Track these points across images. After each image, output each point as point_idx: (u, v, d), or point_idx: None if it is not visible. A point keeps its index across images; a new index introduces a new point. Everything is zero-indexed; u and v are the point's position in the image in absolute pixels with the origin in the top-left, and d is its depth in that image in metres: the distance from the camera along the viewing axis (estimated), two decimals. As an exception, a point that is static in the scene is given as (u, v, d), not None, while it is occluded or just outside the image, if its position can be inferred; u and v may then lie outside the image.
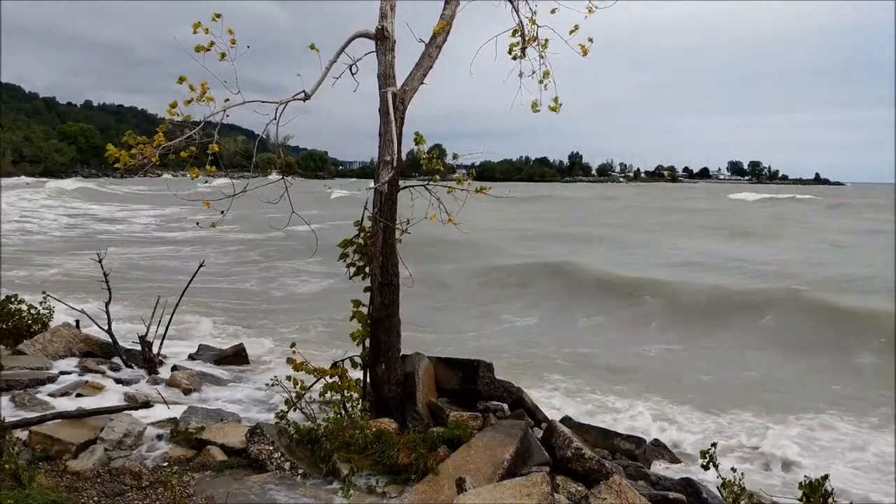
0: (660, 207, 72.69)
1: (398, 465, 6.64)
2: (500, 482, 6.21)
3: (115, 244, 30.94)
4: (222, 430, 7.53)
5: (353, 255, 8.28)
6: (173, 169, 77.93)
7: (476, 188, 8.04)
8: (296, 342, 8.64)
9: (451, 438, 7.20)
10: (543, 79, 8.09)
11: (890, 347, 15.11)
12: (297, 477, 6.63)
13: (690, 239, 39.03)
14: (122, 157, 6.62)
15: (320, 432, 7.19)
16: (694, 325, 18.18)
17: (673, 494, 7.19)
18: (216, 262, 27.91)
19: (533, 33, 8.12)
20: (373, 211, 7.81)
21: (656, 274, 24.56)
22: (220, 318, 16.83)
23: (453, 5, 7.92)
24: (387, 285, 7.88)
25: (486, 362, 9.14)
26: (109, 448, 7.03)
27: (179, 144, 6.78)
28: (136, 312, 14.39)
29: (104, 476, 6.42)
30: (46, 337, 10.83)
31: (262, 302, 20.27)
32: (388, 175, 7.51)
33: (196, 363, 11.47)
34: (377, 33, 7.65)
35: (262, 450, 6.81)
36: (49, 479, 6.11)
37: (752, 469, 9.04)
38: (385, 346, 7.98)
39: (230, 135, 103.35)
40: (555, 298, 21.41)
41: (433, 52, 7.86)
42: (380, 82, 7.69)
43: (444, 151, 8.23)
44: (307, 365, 8.06)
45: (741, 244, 36.59)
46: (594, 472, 7.09)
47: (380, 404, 8.08)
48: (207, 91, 6.80)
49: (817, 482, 5.79)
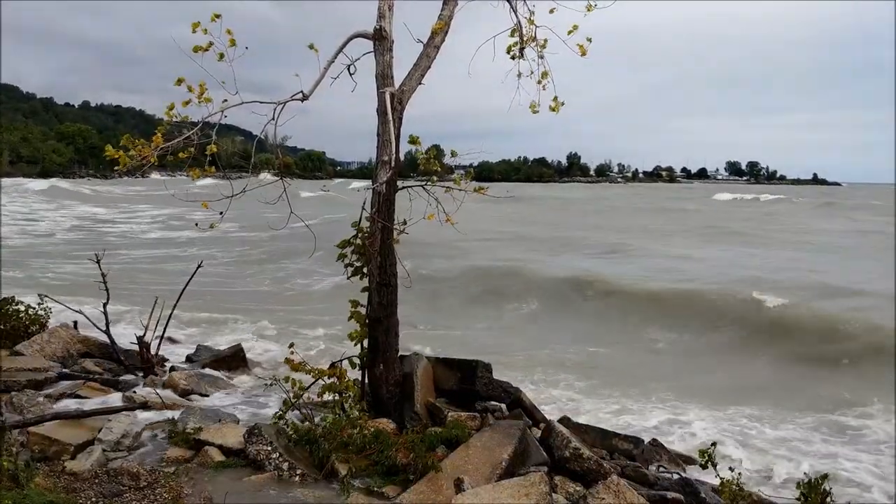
0: (636, 208, 73.16)
1: (396, 465, 6.64)
2: (499, 482, 6.21)
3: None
4: (220, 430, 7.52)
5: (351, 255, 8.28)
6: (170, 169, 77.93)
7: (474, 188, 8.03)
8: (294, 343, 8.64)
9: (449, 438, 7.20)
10: (542, 79, 8.08)
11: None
12: (295, 477, 6.62)
13: (651, 240, 39.36)
14: (121, 158, 6.62)
15: (318, 433, 7.18)
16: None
17: (671, 494, 7.20)
18: (217, 262, 27.93)
19: (531, 33, 8.12)
20: (371, 211, 7.81)
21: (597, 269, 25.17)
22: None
23: (451, 5, 7.92)
24: (385, 285, 7.87)
25: (484, 362, 9.13)
26: (107, 449, 7.02)
27: (177, 145, 6.77)
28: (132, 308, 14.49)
29: (102, 477, 6.40)
30: (44, 338, 10.82)
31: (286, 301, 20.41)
32: (385, 175, 7.51)
33: (194, 364, 11.46)
34: (375, 33, 7.65)
35: (261, 450, 6.81)
36: (47, 480, 6.10)
37: (748, 469, 9.06)
38: (383, 346, 7.98)
39: (228, 135, 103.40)
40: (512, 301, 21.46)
41: (431, 52, 7.85)
42: (378, 82, 7.68)
43: (442, 152, 8.23)
44: (305, 365, 8.06)
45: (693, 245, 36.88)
46: (592, 472, 7.10)
47: (378, 405, 8.08)
48: (206, 92, 6.80)
49: (816, 481, 5.80)
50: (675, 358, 15.69)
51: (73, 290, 17.36)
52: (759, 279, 22.10)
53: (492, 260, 27.65)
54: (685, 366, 14.98)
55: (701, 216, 62.17)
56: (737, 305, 18.58)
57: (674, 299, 19.76)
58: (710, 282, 22.16)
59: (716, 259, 29.56)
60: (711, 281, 22.35)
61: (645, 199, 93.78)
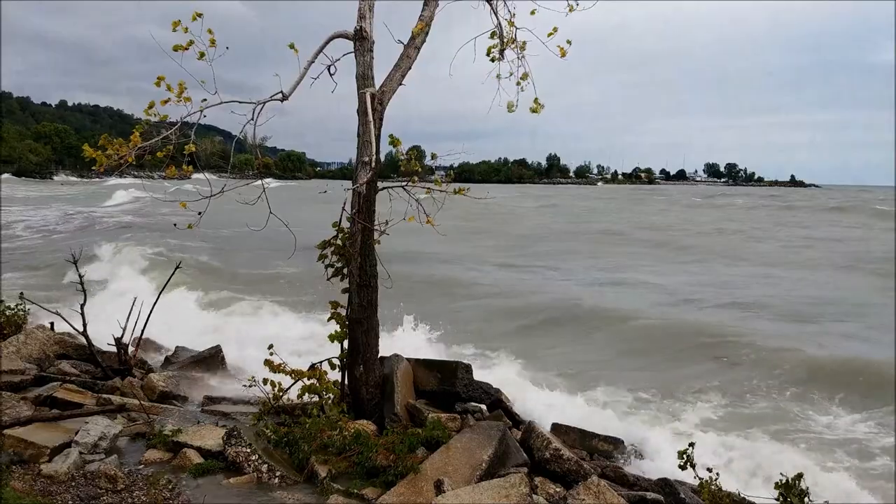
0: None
1: (377, 466, 6.63)
2: (479, 483, 6.22)
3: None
4: (199, 432, 7.47)
5: (331, 256, 8.25)
6: (149, 169, 77.21)
7: (454, 189, 8.03)
8: (273, 344, 8.58)
9: (429, 440, 7.20)
10: (521, 80, 8.09)
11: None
12: (274, 479, 6.59)
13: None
14: (98, 157, 6.57)
15: (298, 434, 7.16)
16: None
17: (651, 495, 7.23)
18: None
19: (511, 35, 8.13)
20: (351, 212, 7.79)
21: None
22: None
23: (432, 6, 7.92)
24: (365, 287, 7.86)
25: (464, 364, 9.14)
26: (84, 451, 6.93)
27: (156, 145, 6.73)
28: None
29: (79, 480, 6.34)
30: (20, 339, 10.68)
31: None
32: (366, 176, 7.50)
33: (173, 365, 11.36)
34: (355, 34, 7.64)
35: (240, 452, 6.77)
36: (23, 484, 6.03)
37: (727, 469, 9.10)
38: (363, 347, 7.96)
39: (207, 136, 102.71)
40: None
41: (412, 53, 7.85)
42: (358, 83, 7.67)
43: (423, 153, 8.22)
44: (284, 366, 8.02)
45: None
46: (573, 472, 7.12)
47: (358, 406, 8.06)
48: (185, 91, 6.77)
49: (792, 481, 5.85)
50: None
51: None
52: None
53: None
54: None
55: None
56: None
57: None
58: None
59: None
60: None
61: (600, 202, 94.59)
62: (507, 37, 8.12)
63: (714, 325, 17.85)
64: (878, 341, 16.82)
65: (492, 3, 8.16)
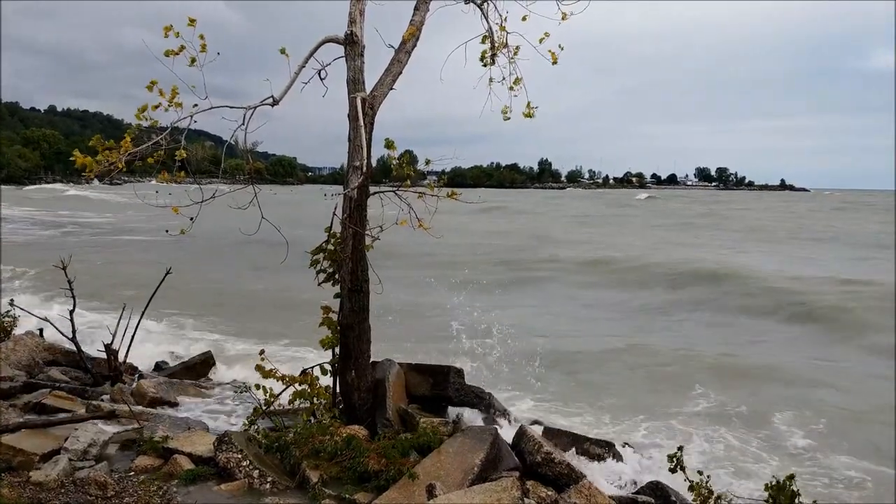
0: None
1: (368, 471, 6.61)
2: (471, 487, 6.22)
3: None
4: (189, 438, 7.45)
5: (323, 261, 8.23)
6: (139, 175, 76.89)
7: (446, 193, 8.02)
8: (264, 350, 8.56)
9: (421, 444, 7.18)
10: (514, 85, 8.11)
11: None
12: (266, 485, 6.57)
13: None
14: (88, 163, 6.53)
15: (289, 440, 7.14)
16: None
17: (642, 498, 7.25)
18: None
19: (503, 40, 8.14)
20: (342, 217, 7.77)
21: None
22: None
23: (423, 11, 7.92)
24: (356, 291, 7.84)
25: (456, 368, 9.14)
26: (74, 458, 6.90)
27: (146, 150, 6.70)
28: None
29: (69, 487, 6.31)
30: (9, 346, 10.63)
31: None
32: (357, 181, 7.49)
33: (163, 371, 11.34)
34: (346, 38, 7.63)
35: (231, 458, 6.74)
36: (12, 491, 6.00)
37: (718, 470, 9.12)
38: (355, 352, 7.94)
39: (198, 140, 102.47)
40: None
41: (403, 57, 7.85)
42: (349, 88, 7.66)
43: (416, 157, 8.22)
44: (276, 372, 8.00)
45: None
46: (564, 476, 7.12)
47: (350, 411, 8.04)
48: (177, 96, 6.75)
49: (783, 482, 5.87)
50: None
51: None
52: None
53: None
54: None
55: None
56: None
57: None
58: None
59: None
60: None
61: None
62: (499, 41, 8.13)
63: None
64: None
65: (482, 7, 8.17)
